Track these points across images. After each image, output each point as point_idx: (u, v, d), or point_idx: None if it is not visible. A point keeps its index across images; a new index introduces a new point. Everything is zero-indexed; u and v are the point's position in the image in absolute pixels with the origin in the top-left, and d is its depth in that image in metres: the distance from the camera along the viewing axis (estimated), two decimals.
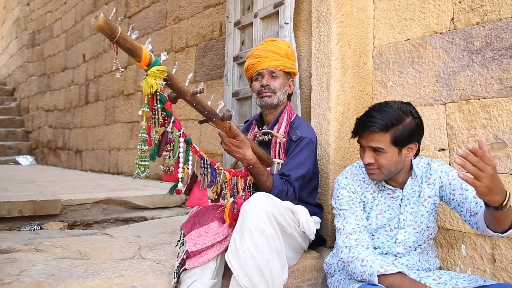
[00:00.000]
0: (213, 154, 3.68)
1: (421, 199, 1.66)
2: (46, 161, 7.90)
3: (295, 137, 1.92)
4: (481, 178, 1.19)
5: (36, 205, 2.69)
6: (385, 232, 1.67)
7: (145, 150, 1.36)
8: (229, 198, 1.67)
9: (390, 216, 1.66)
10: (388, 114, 1.52)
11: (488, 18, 1.85)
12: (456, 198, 1.57)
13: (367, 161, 1.56)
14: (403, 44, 2.17)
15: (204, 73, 3.89)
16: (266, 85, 1.99)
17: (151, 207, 3.20)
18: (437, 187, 1.64)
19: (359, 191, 1.69)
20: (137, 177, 1.37)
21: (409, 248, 1.65)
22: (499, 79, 1.80)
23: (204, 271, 1.57)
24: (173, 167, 1.47)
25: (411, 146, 1.57)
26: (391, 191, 1.66)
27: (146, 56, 1.30)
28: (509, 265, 1.75)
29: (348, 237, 1.60)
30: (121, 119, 5.52)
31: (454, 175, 1.61)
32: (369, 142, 1.55)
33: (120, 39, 1.22)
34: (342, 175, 1.74)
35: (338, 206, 1.69)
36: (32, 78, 8.72)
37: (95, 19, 1.16)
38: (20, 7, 9.63)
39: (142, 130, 1.36)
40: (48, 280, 1.45)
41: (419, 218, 1.65)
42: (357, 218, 1.64)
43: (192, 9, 4.16)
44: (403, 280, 1.41)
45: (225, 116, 1.55)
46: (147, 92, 1.33)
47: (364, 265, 1.49)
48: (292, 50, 2.11)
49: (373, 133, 1.52)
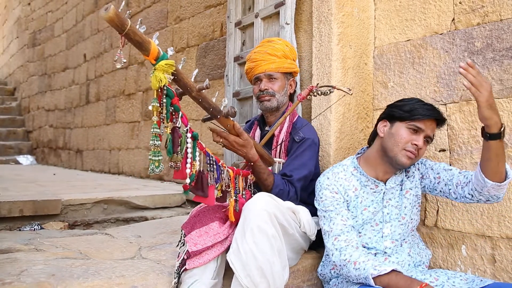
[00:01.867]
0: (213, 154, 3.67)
1: (403, 191, 1.70)
2: (46, 161, 7.90)
3: (298, 138, 1.92)
4: (481, 88, 1.32)
5: (36, 205, 2.69)
6: (371, 228, 1.68)
7: (158, 145, 1.35)
8: (233, 196, 1.66)
9: (374, 210, 1.68)
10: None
11: (489, 18, 1.85)
12: (442, 178, 1.64)
13: (420, 145, 1.58)
14: (404, 45, 2.17)
15: (205, 73, 3.89)
16: (264, 89, 1.99)
17: (151, 207, 3.20)
18: (417, 179, 1.70)
19: (342, 190, 1.69)
20: (152, 172, 1.36)
21: (396, 241, 1.67)
22: (499, 80, 1.80)
23: (204, 271, 1.57)
24: (180, 163, 1.46)
25: None
26: (374, 186, 1.68)
27: (155, 50, 1.30)
28: (509, 265, 1.75)
29: (337, 239, 1.60)
30: (122, 119, 5.52)
31: (430, 162, 1.70)
32: (429, 129, 1.59)
33: (130, 32, 1.22)
34: (324, 176, 1.74)
35: (323, 208, 1.68)
36: (33, 77, 8.72)
37: (105, 10, 1.16)
38: (21, 7, 9.64)
39: (153, 125, 1.34)
40: (49, 280, 1.46)
41: (402, 210, 1.69)
42: (343, 218, 1.64)
43: (193, 9, 4.16)
44: (398, 279, 1.42)
45: (229, 113, 1.55)
46: (156, 86, 1.32)
47: (357, 268, 1.49)
48: (291, 47, 2.09)
49: (434, 120, 1.61)
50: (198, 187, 1.52)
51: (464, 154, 1.90)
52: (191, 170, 1.48)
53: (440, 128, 1.68)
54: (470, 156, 1.88)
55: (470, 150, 1.88)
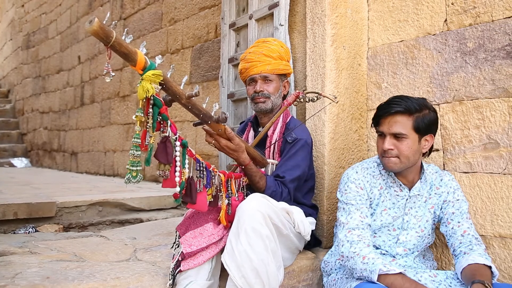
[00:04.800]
0: (208, 155, 3.68)
1: (428, 205, 1.68)
2: (41, 163, 7.86)
3: (290, 139, 1.92)
4: None
5: (31, 207, 2.68)
6: (388, 232, 1.68)
7: (138, 156, 1.34)
8: (224, 200, 1.67)
9: (395, 214, 1.67)
10: (410, 101, 1.57)
11: (481, 19, 1.86)
12: (448, 226, 1.64)
13: (387, 147, 1.57)
14: (397, 46, 2.19)
15: (199, 74, 3.89)
16: (260, 91, 1.99)
17: (147, 209, 3.20)
18: (442, 199, 1.68)
19: (368, 187, 1.69)
20: (128, 182, 1.35)
21: (409, 250, 1.67)
22: (491, 80, 1.82)
23: (199, 272, 1.57)
24: (168, 171, 1.46)
25: (428, 138, 1.61)
26: (399, 189, 1.67)
27: (141, 60, 1.29)
28: (502, 264, 1.76)
29: (351, 232, 1.60)
30: (117, 120, 5.51)
31: (459, 194, 1.67)
32: (392, 126, 1.57)
33: (115, 44, 1.21)
34: (353, 169, 1.74)
35: (344, 200, 1.68)
36: (27, 80, 8.68)
37: (89, 23, 1.14)
38: (14, 9, 9.60)
39: (135, 135, 1.34)
40: (43, 283, 1.45)
41: (423, 223, 1.67)
42: (361, 215, 1.64)
43: (187, 11, 4.16)
44: (404, 281, 1.42)
45: (220, 119, 1.55)
46: (142, 96, 1.32)
47: (365, 263, 1.49)
48: (286, 48, 2.09)
49: (397, 115, 1.56)
50: (187, 194, 1.52)
51: (457, 154, 1.92)
52: (180, 178, 1.47)
53: (420, 115, 1.56)
54: (463, 156, 1.90)
55: (463, 150, 1.89)
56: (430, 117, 1.59)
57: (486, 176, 1.82)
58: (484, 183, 1.82)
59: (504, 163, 1.76)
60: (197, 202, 1.54)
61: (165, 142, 1.42)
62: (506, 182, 1.75)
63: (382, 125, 1.60)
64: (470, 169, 1.87)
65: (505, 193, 1.75)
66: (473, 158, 1.86)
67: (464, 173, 1.89)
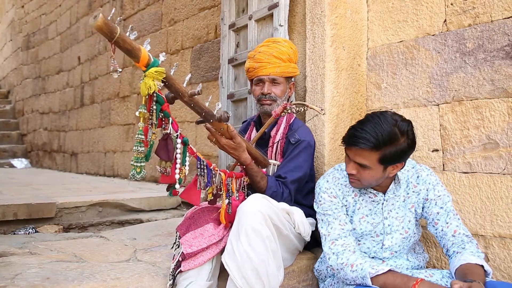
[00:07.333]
0: (208, 156, 3.68)
1: (407, 204, 1.65)
2: (41, 164, 7.86)
3: (294, 140, 1.92)
4: None
5: (31, 208, 2.68)
6: (372, 238, 1.66)
7: (141, 151, 1.35)
8: (225, 199, 1.67)
9: (373, 221, 1.64)
10: (382, 132, 1.43)
11: (480, 20, 1.87)
12: (436, 227, 1.59)
13: (349, 172, 1.54)
14: (396, 46, 2.19)
15: (199, 75, 3.89)
16: (267, 94, 1.98)
17: (147, 210, 3.19)
18: (422, 197, 1.63)
19: (341, 195, 1.66)
20: (132, 178, 1.36)
21: (395, 253, 1.66)
22: (491, 80, 1.82)
23: (199, 272, 1.57)
24: (169, 168, 1.47)
25: (397, 165, 1.53)
26: (373, 195, 1.64)
27: (145, 57, 1.30)
28: (502, 264, 1.77)
29: (334, 243, 1.59)
30: (117, 121, 5.51)
31: (440, 190, 1.61)
32: (355, 157, 1.49)
33: (119, 40, 1.22)
34: (324, 179, 1.71)
35: (321, 211, 1.67)
36: (27, 80, 8.68)
37: (93, 19, 1.15)
38: (14, 10, 9.60)
39: (139, 131, 1.35)
40: (43, 283, 1.45)
41: (406, 224, 1.64)
42: (341, 223, 1.62)
43: (187, 11, 4.16)
44: (395, 277, 1.43)
45: (222, 118, 1.55)
46: (144, 93, 1.33)
47: (355, 270, 1.49)
48: (295, 50, 2.07)
49: (361, 149, 1.46)
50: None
51: (457, 154, 1.92)
52: (179, 175, 1.49)
53: (389, 147, 1.45)
54: (462, 156, 1.90)
55: (463, 150, 1.90)
56: (403, 147, 1.46)
57: (485, 176, 1.82)
58: (484, 183, 1.82)
59: (504, 163, 1.77)
60: (191, 193, 1.55)
61: (166, 139, 1.42)
62: (506, 182, 1.76)
63: (348, 150, 1.53)
64: (469, 169, 1.87)
65: (505, 193, 1.76)
66: (473, 158, 1.86)
67: (464, 173, 1.89)
